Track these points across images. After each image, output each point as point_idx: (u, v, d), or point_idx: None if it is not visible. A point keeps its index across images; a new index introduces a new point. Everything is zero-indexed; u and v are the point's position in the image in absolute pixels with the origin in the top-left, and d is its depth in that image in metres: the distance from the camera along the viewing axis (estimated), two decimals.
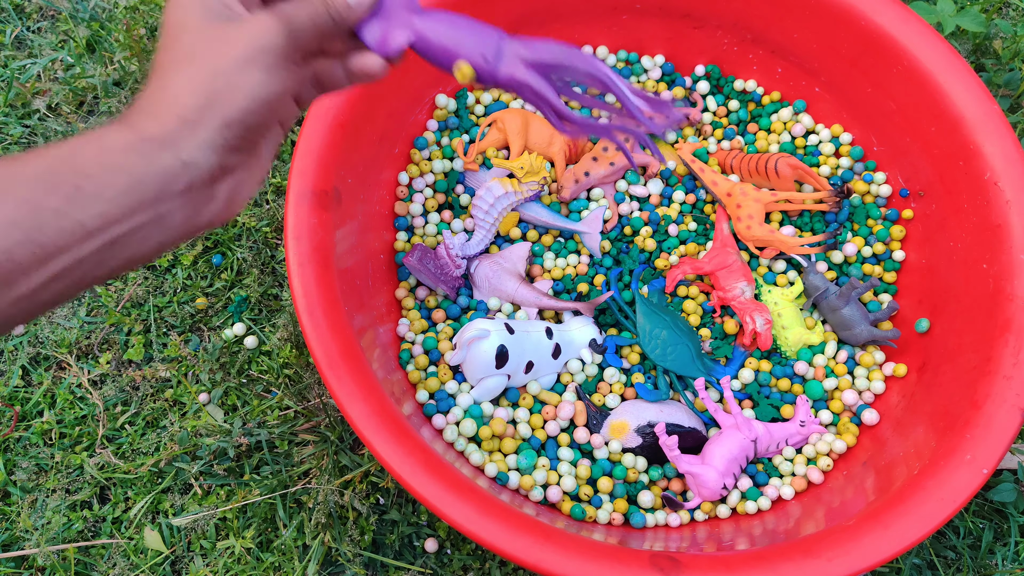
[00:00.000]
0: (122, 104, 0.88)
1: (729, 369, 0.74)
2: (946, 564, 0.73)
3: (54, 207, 0.30)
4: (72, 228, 0.30)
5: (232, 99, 0.33)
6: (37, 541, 0.71)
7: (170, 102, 0.33)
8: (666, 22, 0.83)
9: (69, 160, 0.31)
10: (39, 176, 0.30)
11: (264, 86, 0.34)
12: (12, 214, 0.29)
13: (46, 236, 0.30)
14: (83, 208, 0.30)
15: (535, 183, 0.78)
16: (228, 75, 0.33)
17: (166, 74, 0.34)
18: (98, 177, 0.31)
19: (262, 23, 0.35)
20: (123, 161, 0.31)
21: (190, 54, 0.34)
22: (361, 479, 0.72)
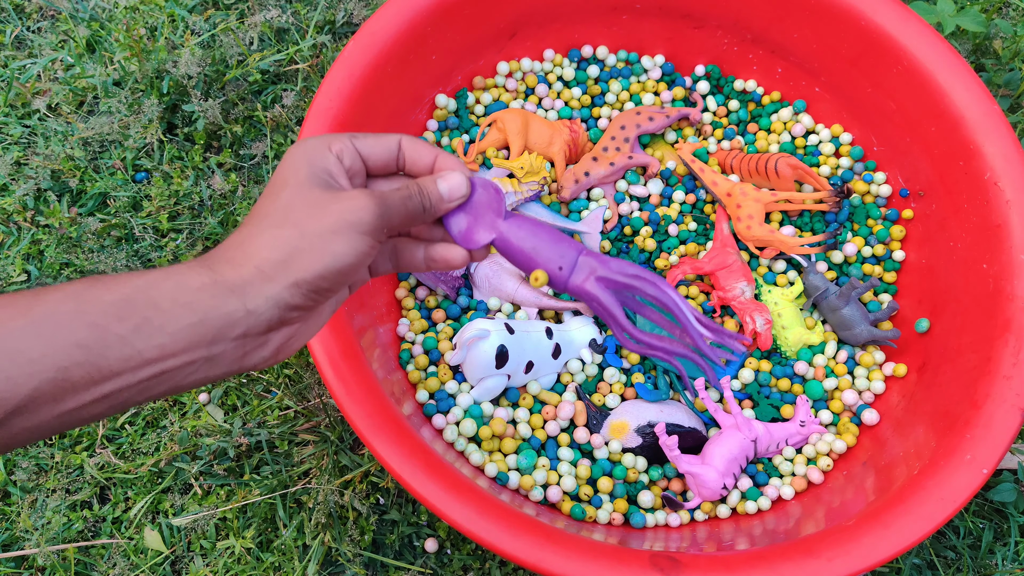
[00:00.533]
0: (122, 104, 0.88)
1: (729, 369, 0.74)
2: (946, 564, 0.73)
3: (120, 334, 0.31)
4: (131, 356, 0.31)
5: (310, 262, 0.35)
6: (37, 541, 0.71)
7: (252, 252, 0.35)
8: (666, 22, 0.83)
9: (145, 291, 0.32)
10: (115, 303, 0.31)
11: (344, 257, 0.36)
12: (81, 336, 0.30)
13: (105, 361, 0.31)
14: (146, 338, 0.32)
15: (535, 183, 0.78)
16: (312, 239, 0.35)
17: (256, 225, 0.36)
18: (168, 311, 0.32)
19: (358, 200, 0.36)
20: (193, 300, 0.33)
21: (284, 211, 0.36)
22: (361, 479, 0.72)
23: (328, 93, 0.66)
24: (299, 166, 0.37)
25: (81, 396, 0.31)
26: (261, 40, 0.93)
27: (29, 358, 0.30)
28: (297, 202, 0.36)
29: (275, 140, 0.87)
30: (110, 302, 0.31)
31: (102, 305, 0.31)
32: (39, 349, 0.30)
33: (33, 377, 0.30)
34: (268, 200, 0.37)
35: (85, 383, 0.31)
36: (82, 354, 0.30)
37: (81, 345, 0.30)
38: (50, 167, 0.85)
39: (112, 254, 0.82)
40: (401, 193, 0.39)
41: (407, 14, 0.70)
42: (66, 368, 0.30)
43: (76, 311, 0.31)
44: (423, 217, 0.40)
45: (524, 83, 0.84)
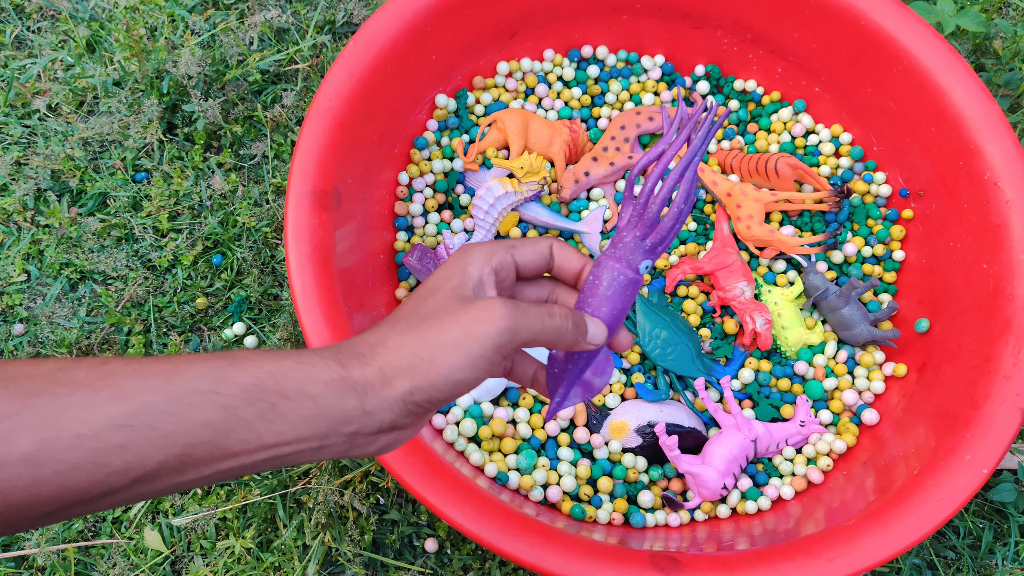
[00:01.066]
0: (122, 104, 0.88)
1: (729, 369, 0.74)
2: (946, 564, 0.73)
3: (246, 418, 0.32)
4: (250, 439, 0.32)
5: (428, 372, 0.35)
6: (37, 541, 0.71)
7: (380, 353, 0.35)
8: (666, 22, 0.83)
9: (277, 378, 0.33)
10: (248, 387, 0.32)
11: (460, 372, 0.35)
12: (211, 417, 0.31)
13: (227, 442, 0.32)
14: (268, 424, 0.33)
15: (535, 183, 0.78)
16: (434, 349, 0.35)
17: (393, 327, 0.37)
18: (293, 401, 0.33)
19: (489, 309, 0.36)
20: (319, 393, 0.33)
21: (421, 318, 0.37)
22: (361, 479, 0.72)
23: (328, 93, 0.66)
24: (453, 273, 0.38)
25: (200, 470, 0.32)
26: (261, 40, 0.93)
27: (161, 434, 0.30)
28: (435, 310, 0.37)
29: (275, 140, 0.87)
30: (243, 386, 0.32)
31: (235, 388, 0.32)
32: (171, 427, 0.31)
33: (161, 452, 0.31)
34: (412, 303, 0.38)
35: (206, 460, 0.32)
36: (209, 434, 0.31)
37: (209, 426, 0.31)
38: (50, 167, 0.85)
39: (112, 254, 0.82)
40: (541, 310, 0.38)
41: (407, 14, 0.70)
42: (192, 446, 0.31)
43: (211, 391, 0.32)
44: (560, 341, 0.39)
45: (524, 83, 0.84)
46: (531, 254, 0.41)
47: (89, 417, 0.30)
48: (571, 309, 0.40)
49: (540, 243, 0.42)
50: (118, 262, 0.81)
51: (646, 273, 0.41)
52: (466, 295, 0.38)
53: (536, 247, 0.41)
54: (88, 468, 0.29)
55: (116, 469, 0.30)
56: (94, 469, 0.29)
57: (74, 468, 0.29)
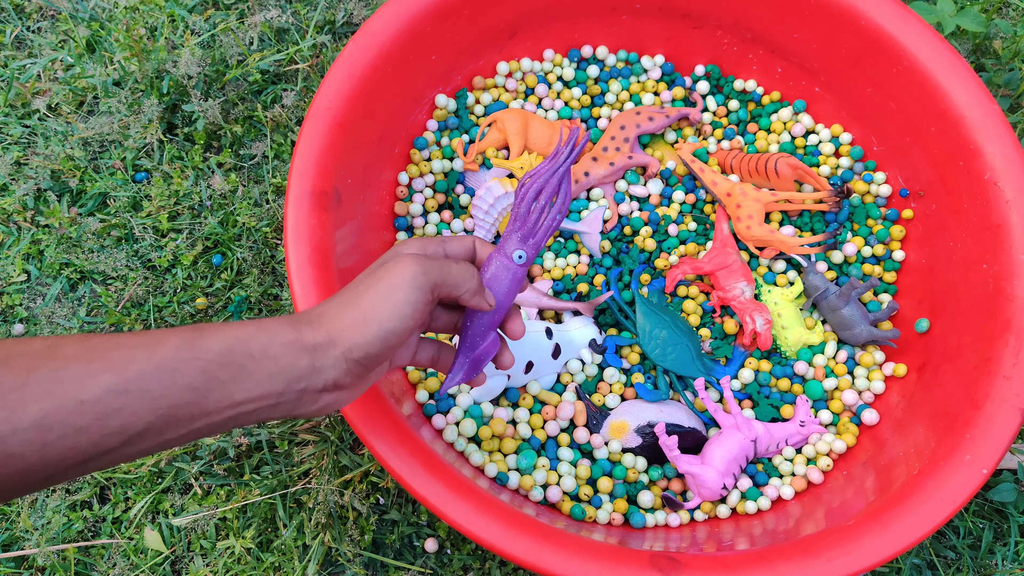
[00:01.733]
0: (122, 104, 0.88)
1: (729, 369, 0.74)
2: (946, 564, 0.73)
3: (222, 379, 0.37)
4: (224, 398, 0.37)
5: (363, 329, 0.41)
6: (37, 541, 0.71)
7: (326, 320, 0.41)
8: (666, 22, 0.83)
9: (245, 342, 0.38)
10: (221, 352, 0.37)
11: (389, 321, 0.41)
12: (192, 380, 0.36)
13: (206, 401, 0.36)
14: (238, 384, 0.37)
15: None
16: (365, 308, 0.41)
17: (334, 301, 0.43)
18: (258, 361, 0.38)
19: (401, 263, 0.43)
20: (279, 353, 0.39)
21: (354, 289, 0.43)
22: (361, 479, 0.72)
23: (328, 93, 0.66)
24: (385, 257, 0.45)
25: (179, 429, 0.36)
26: (261, 40, 0.93)
27: (152, 397, 0.35)
28: (364, 280, 0.43)
29: (275, 140, 0.87)
30: (217, 351, 0.37)
31: (211, 354, 0.36)
32: (160, 390, 0.35)
33: (151, 413, 0.35)
34: (350, 284, 0.44)
35: (186, 419, 0.36)
36: (191, 395, 0.36)
37: (192, 388, 0.36)
38: (50, 167, 0.85)
39: (112, 254, 0.82)
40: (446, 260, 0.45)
41: (407, 14, 0.70)
42: (177, 406, 0.35)
43: (191, 358, 0.36)
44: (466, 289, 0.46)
45: (524, 83, 0.84)
46: (458, 247, 0.49)
47: (89, 385, 0.33)
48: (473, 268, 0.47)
49: (465, 239, 0.50)
50: (118, 262, 0.81)
51: (520, 262, 0.50)
52: (385, 262, 0.44)
53: (462, 242, 0.49)
54: (90, 430, 0.33)
55: (113, 430, 0.34)
56: (95, 431, 0.33)
57: (78, 431, 0.33)
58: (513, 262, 0.50)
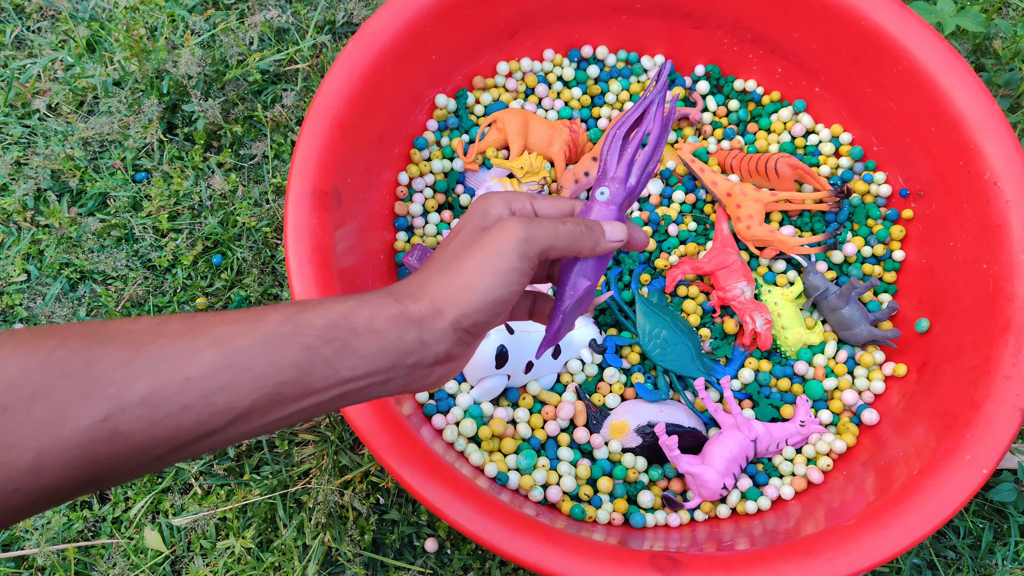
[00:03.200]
0: (122, 104, 0.88)
1: (729, 369, 0.74)
2: (946, 564, 0.73)
3: (326, 355, 0.35)
4: (330, 375, 0.36)
5: (469, 297, 0.39)
6: (37, 541, 0.71)
7: (427, 290, 0.39)
8: (666, 22, 0.83)
9: (347, 317, 0.36)
10: (324, 327, 0.36)
11: (493, 290, 0.39)
12: (296, 357, 0.35)
13: (310, 379, 0.35)
14: (343, 360, 0.36)
15: (535, 183, 0.78)
16: (469, 276, 0.39)
17: (428, 270, 0.41)
18: (363, 337, 0.36)
19: (504, 228, 0.40)
20: (384, 328, 0.37)
21: (450, 257, 0.41)
22: (361, 479, 0.72)
23: (328, 93, 0.66)
24: (473, 216, 0.42)
25: (286, 408, 0.35)
26: (261, 40, 0.93)
27: (255, 374, 0.34)
28: (462, 246, 0.41)
29: (275, 140, 0.87)
30: (320, 327, 0.35)
31: (314, 329, 0.35)
32: (263, 367, 0.34)
33: (256, 391, 0.34)
34: (441, 249, 0.42)
35: (292, 398, 0.35)
36: (295, 372, 0.34)
37: (295, 364, 0.34)
38: (50, 167, 0.85)
39: (112, 254, 0.82)
40: (554, 220, 0.41)
41: (407, 14, 0.70)
42: (282, 384, 0.34)
43: (293, 333, 0.35)
44: (578, 245, 0.42)
45: (524, 83, 0.84)
46: (552, 207, 0.44)
47: (194, 361, 0.33)
48: (583, 218, 0.43)
49: (563, 201, 0.44)
50: (118, 262, 0.81)
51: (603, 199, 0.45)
52: (481, 226, 0.41)
53: (557, 203, 0.44)
54: (197, 408, 0.32)
55: (219, 408, 0.33)
56: (202, 408, 0.33)
57: (184, 408, 0.32)
58: (596, 200, 0.45)
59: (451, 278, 0.39)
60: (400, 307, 0.38)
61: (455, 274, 0.39)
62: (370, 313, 0.37)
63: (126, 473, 0.32)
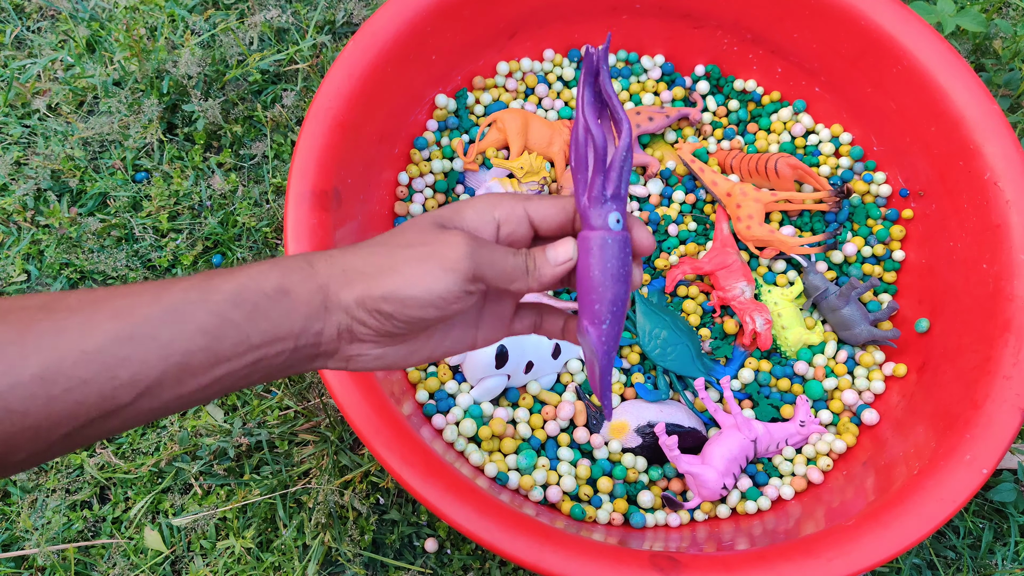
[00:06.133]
0: (122, 104, 0.88)
1: (729, 369, 0.74)
2: (946, 564, 0.73)
3: (235, 320, 0.34)
4: (241, 341, 0.34)
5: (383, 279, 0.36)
6: (37, 541, 0.71)
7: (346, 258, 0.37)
8: (666, 22, 0.83)
9: (257, 279, 0.35)
10: (232, 291, 0.34)
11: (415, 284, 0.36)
12: (204, 322, 0.33)
13: (221, 346, 0.34)
14: (253, 325, 0.34)
15: (535, 183, 0.78)
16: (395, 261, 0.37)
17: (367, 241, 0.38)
18: (272, 299, 0.35)
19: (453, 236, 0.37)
20: (292, 288, 0.35)
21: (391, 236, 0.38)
22: (361, 479, 0.72)
23: (328, 93, 0.66)
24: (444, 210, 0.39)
25: (199, 379, 0.34)
26: (261, 40, 0.93)
27: (161, 343, 0.32)
28: (406, 232, 0.38)
29: (275, 140, 0.87)
30: (228, 291, 0.34)
31: (222, 294, 0.34)
32: (169, 335, 0.32)
33: (163, 360, 0.32)
34: (397, 228, 0.39)
35: (203, 367, 0.33)
36: (204, 340, 0.33)
37: (204, 331, 0.33)
38: (50, 167, 0.85)
39: (112, 254, 0.82)
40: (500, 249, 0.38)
41: (407, 14, 0.70)
42: (190, 352, 0.33)
43: (201, 299, 0.33)
44: (523, 278, 0.39)
45: (524, 83, 0.84)
46: (550, 208, 0.40)
47: (92, 334, 0.31)
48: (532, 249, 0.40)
49: (561, 200, 0.41)
50: (118, 262, 0.81)
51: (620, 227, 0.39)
52: (444, 225, 0.38)
53: (556, 203, 0.40)
54: (98, 382, 0.31)
55: (123, 381, 0.32)
56: (103, 382, 0.31)
57: (84, 383, 0.31)
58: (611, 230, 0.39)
59: (377, 256, 0.37)
60: (309, 268, 0.36)
61: (383, 253, 0.37)
62: (279, 274, 0.35)
63: (32, 455, 0.31)
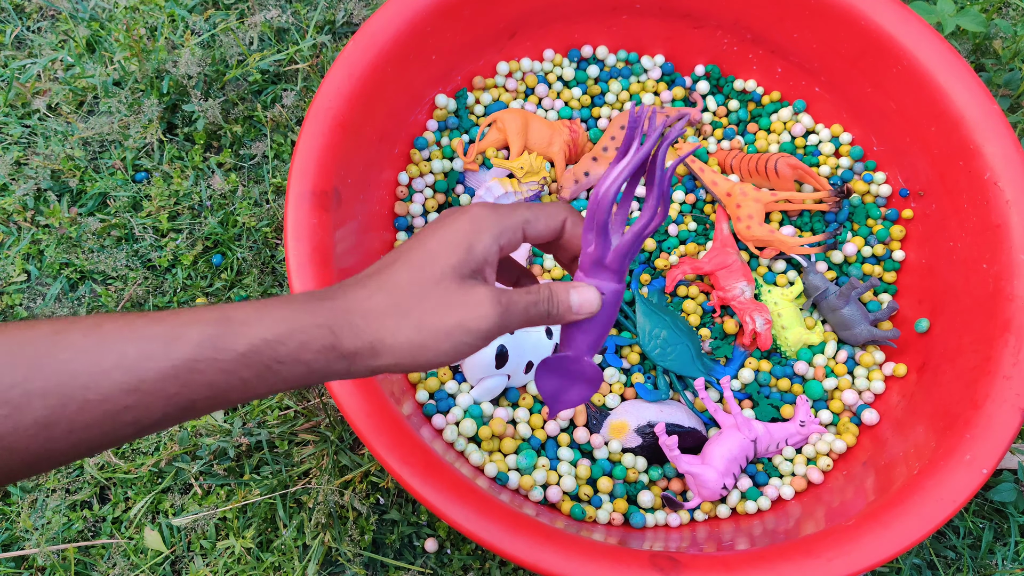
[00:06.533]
0: (122, 104, 0.88)
1: (729, 369, 0.74)
2: (946, 564, 0.73)
3: (245, 379, 0.35)
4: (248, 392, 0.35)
5: (415, 356, 0.37)
6: (37, 541, 0.71)
7: (375, 329, 0.37)
8: (666, 22, 0.83)
9: (274, 346, 0.35)
10: (245, 354, 0.35)
11: (444, 357, 0.38)
12: (212, 379, 0.34)
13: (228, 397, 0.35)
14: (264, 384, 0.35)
15: (535, 183, 0.78)
16: (426, 335, 0.37)
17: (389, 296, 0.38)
18: (288, 366, 0.36)
19: (483, 306, 0.38)
20: (311, 360, 0.36)
21: (416, 297, 0.38)
22: (361, 479, 0.72)
23: (328, 93, 0.66)
24: (457, 246, 0.38)
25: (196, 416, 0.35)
26: (261, 40, 0.93)
27: (167, 395, 0.33)
28: (432, 291, 0.38)
29: (275, 140, 0.87)
30: (241, 352, 0.34)
31: (234, 355, 0.34)
32: (176, 389, 0.33)
33: (168, 406, 0.34)
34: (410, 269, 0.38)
35: (204, 409, 0.35)
36: (210, 392, 0.34)
37: (211, 386, 0.34)
38: (50, 167, 0.85)
39: (112, 254, 0.82)
40: (529, 299, 0.40)
41: (407, 14, 0.70)
42: (195, 401, 0.34)
43: (212, 359, 0.34)
44: (544, 322, 0.41)
45: (524, 83, 0.84)
46: (543, 228, 0.42)
47: (98, 383, 0.32)
48: (556, 287, 0.41)
49: (556, 216, 0.42)
50: (118, 262, 0.81)
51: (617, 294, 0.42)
52: (464, 276, 0.38)
53: (551, 221, 0.42)
54: (100, 426, 0.32)
55: (126, 423, 0.33)
56: (107, 427, 0.32)
57: (86, 427, 0.32)
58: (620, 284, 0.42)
59: (408, 331, 0.37)
60: (335, 339, 0.36)
61: (413, 328, 0.37)
62: (298, 344, 0.35)
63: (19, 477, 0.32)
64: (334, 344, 0.36)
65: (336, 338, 0.36)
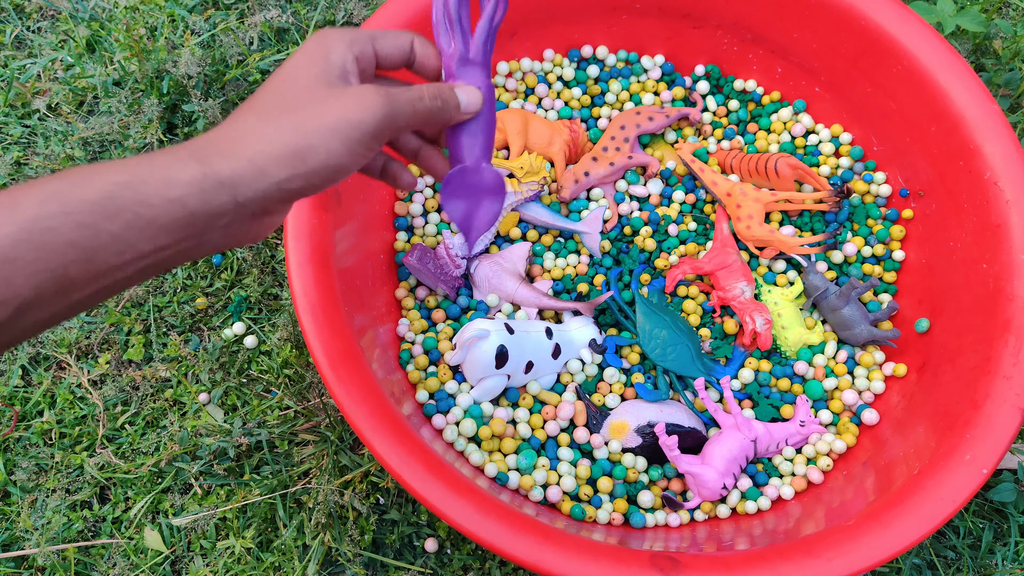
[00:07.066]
0: (122, 104, 0.88)
1: (729, 369, 0.74)
2: (946, 564, 0.73)
3: (112, 231, 0.31)
4: (125, 250, 0.32)
5: (305, 160, 0.35)
6: (37, 541, 0.71)
7: (248, 145, 0.35)
8: (666, 22, 0.83)
9: (132, 187, 0.32)
10: (100, 201, 0.31)
11: (339, 158, 0.36)
12: (71, 236, 0.30)
13: (102, 256, 0.31)
14: (138, 233, 0.32)
15: (535, 183, 0.78)
16: (311, 137, 0.35)
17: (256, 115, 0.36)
18: (157, 207, 0.32)
19: (364, 98, 0.37)
20: (183, 194, 0.33)
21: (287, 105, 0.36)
22: (361, 479, 0.72)
23: None
24: (313, 60, 0.37)
25: (85, 289, 0.32)
26: (261, 40, 0.93)
27: (25, 262, 0.30)
28: (302, 98, 0.36)
29: None
30: (95, 201, 0.31)
31: (87, 205, 0.31)
32: (33, 255, 0.30)
33: (32, 278, 0.30)
34: (271, 94, 0.37)
35: (86, 279, 0.31)
36: (76, 253, 0.31)
37: (75, 245, 0.30)
38: (50, 167, 0.85)
39: None
40: (412, 93, 0.39)
41: (407, 14, 0.70)
42: (64, 266, 0.30)
43: (62, 212, 0.30)
44: (434, 120, 0.40)
45: (524, 83, 0.84)
46: (391, 47, 0.41)
47: None
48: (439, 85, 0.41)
49: (401, 36, 0.42)
50: None
51: None
52: (332, 82, 0.37)
53: (397, 39, 0.41)
54: None
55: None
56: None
57: None
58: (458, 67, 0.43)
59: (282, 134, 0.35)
60: (203, 167, 0.33)
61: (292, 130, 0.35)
62: (162, 179, 0.32)
63: None
64: (205, 172, 0.33)
65: (204, 164, 0.33)
